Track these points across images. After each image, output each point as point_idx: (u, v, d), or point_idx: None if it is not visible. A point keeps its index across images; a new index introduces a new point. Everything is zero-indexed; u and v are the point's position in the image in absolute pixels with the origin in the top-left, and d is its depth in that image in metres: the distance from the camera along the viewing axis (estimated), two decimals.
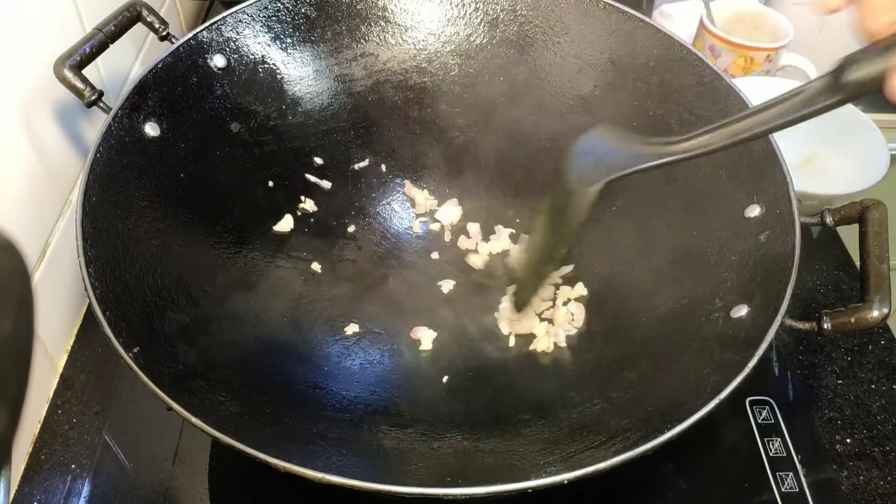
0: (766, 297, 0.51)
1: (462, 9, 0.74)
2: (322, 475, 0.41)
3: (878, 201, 0.53)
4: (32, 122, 0.62)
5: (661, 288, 0.61)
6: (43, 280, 0.63)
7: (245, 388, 0.53)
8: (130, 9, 0.64)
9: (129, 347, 0.46)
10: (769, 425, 0.62)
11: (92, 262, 0.50)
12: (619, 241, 0.67)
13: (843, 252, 0.79)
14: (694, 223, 0.62)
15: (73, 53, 0.59)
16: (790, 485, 0.58)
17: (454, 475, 0.50)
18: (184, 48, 0.65)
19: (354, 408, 0.58)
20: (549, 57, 0.73)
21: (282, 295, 0.65)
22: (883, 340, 0.70)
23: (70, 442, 0.61)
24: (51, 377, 0.65)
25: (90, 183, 0.54)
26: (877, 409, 0.65)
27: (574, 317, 0.65)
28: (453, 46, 0.75)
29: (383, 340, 0.64)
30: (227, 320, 0.59)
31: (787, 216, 0.54)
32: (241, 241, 0.66)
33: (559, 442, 0.52)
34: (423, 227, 0.74)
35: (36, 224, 0.63)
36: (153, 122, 0.61)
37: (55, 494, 0.58)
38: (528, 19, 0.73)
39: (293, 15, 0.71)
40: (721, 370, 0.48)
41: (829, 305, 0.71)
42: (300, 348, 0.62)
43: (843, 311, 0.48)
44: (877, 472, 0.60)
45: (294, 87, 0.72)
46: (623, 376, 0.56)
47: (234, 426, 0.45)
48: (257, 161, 0.70)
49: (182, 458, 0.60)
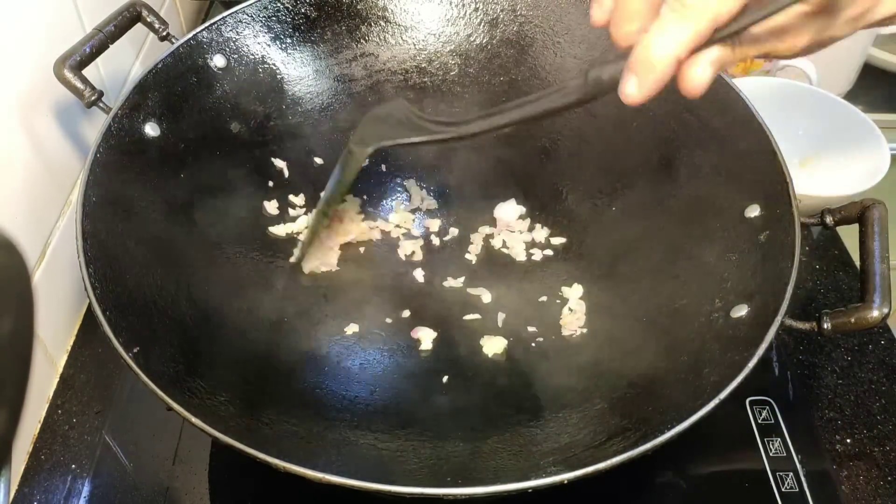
0: (766, 297, 0.51)
1: (462, 9, 0.74)
2: (322, 475, 0.41)
3: (878, 201, 0.53)
4: (32, 122, 0.62)
5: (661, 288, 0.61)
6: (43, 280, 0.63)
7: (245, 388, 0.53)
8: (130, 9, 0.64)
9: (129, 347, 0.46)
10: (769, 425, 0.62)
11: (92, 262, 0.50)
12: (619, 242, 0.67)
13: (843, 252, 0.79)
14: (694, 223, 0.62)
15: (73, 54, 0.59)
16: (790, 485, 0.58)
17: (454, 475, 0.50)
18: (184, 48, 0.65)
19: (354, 408, 0.58)
20: (549, 57, 0.73)
21: (281, 295, 0.65)
22: (883, 340, 0.70)
23: (70, 442, 0.61)
24: (51, 377, 0.65)
25: (90, 183, 0.54)
26: (877, 409, 0.65)
27: (574, 317, 0.65)
28: (453, 46, 0.75)
29: (383, 340, 0.64)
30: (227, 320, 0.59)
31: (787, 216, 0.54)
32: (241, 242, 0.66)
33: (559, 442, 0.52)
34: (423, 227, 0.74)
35: (36, 224, 0.63)
36: (153, 122, 0.62)
37: (55, 494, 0.58)
38: (528, 19, 0.73)
39: (293, 15, 0.71)
40: (721, 370, 0.48)
41: (829, 305, 0.71)
42: (300, 348, 0.62)
43: (843, 311, 0.48)
44: (877, 472, 0.60)
45: (294, 87, 0.72)
46: (623, 376, 0.56)
47: (234, 426, 0.45)
48: (257, 161, 0.70)
49: (182, 458, 0.60)
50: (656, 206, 0.66)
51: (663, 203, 0.66)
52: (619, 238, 0.67)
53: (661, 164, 0.67)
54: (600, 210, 0.70)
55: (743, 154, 0.60)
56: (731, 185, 0.60)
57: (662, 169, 0.67)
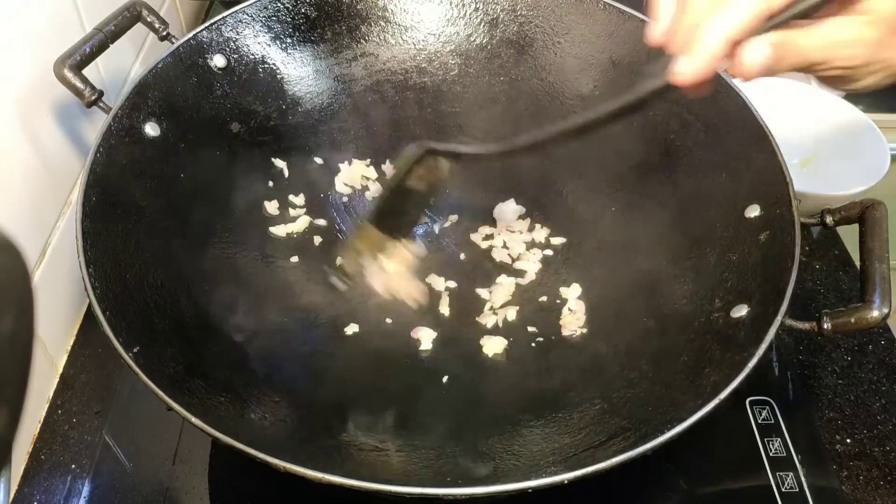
0: (766, 297, 0.51)
1: (462, 9, 0.74)
2: (322, 475, 0.41)
3: (878, 201, 0.53)
4: (32, 122, 0.62)
5: (661, 288, 0.61)
6: (43, 280, 0.63)
7: (245, 388, 0.53)
8: (130, 9, 0.64)
9: (129, 347, 0.46)
10: (769, 425, 0.62)
11: (92, 262, 0.50)
12: (619, 242, 0.67)
13: (843, 252, 0.79)
14: (694, 223, 0.62)
15: (73, 53, 0.59)
16: (790, 485, 0.58)
17: (454, 475, 0.50)
18: (184, 48, 0.65)
19: (354, 408, 0.57)
20: (549, 57, 0.73)
21: (281, 295, 0.65)
22: (883, 340, 0.70)
23: (70, 442, 0.61)
24: (51, 377, 0.65)
25: (90, 183, 0.54)
26: (877, 409, 0.65)
27: (574, 317, 0.65)
28: (453, 46, 0.75)
29: (383, 341, 0.64)
30: (227, 320, 0.59)
31: (787, 216, 0.54)
32: (241, 242, 0.66)
33: (559, 442, 0.52)
34: (423, 227, 0.74)
35: (36, 224, 0.63)
36: (153, 122, 0.61)
37: (55, 494, 0.58)
38: (528, 19, 0.73)
39: (293, 15, 0.71)
40: (721, 370, 0.48)
41: (829, 305, 0.71)
42: (300, 349, 0.62)
43: (843, 311, 0.48)
44: (877, 472, 0.60)
45: (294, 87, 0.72)
46: (623, 376, 0.56)
47: (234, 426, 0.45)
48: (257, 161, 0.70)
49: (182, 458, 0.60)
50: (656, 206, 0.66)
51: (663, 203, 0.66)
52: (619, 238, 0.67)
53: (661, 164, 0.67)
54: (600, 210, 0.70)
55: (743, 154, 0.60)
56: (731, 185, 0.61)
57: (662, 169, 0.67)
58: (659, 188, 0.66)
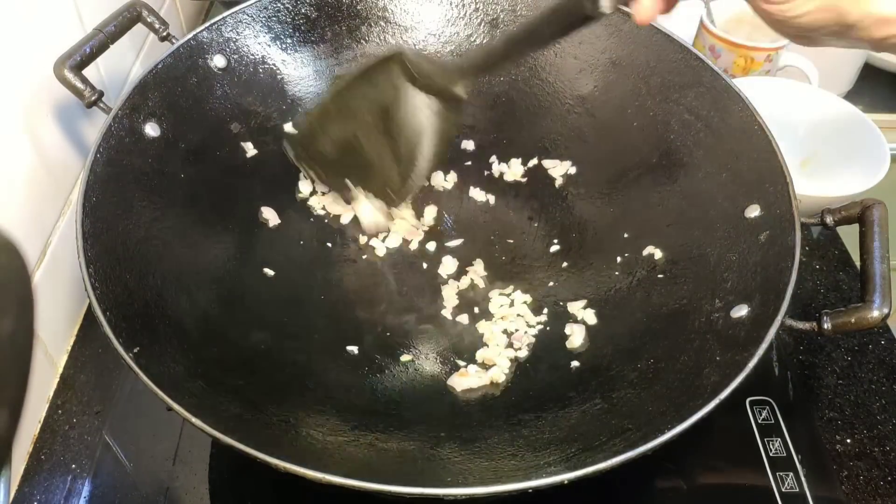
0: (766, 297, 0.51)
1: (462, 9, 0.74)
2: (322, 475, 0.41)
3: (878, 201, 0.53)
4: (33, 122, 0.62)
5: (661, 287, 0.61)
6: (43, 280, 0.63)
7: (245, 388, 0.53)
8: (130, 9, 0.64)
9: (129, 347, 0.46)
10: (769, 425, 0.62)
11: (92, 262, 0.50)
12: (619, 242, 0.67)
13: (843, 252, 0.79)
14: (694, 223, 0.62)
15: (73, 54, 0.59)
16: (790, 485, 0.58)
17: (454, 475, 0.50)
18: (184, 48, 0.65)
19: (354, 408, 0.57)
20: (549, 57, 0.73)
21: (282, 296, 0.65)
22: (883, 340, 0.70)
23: (70, 442, 0.61)
24: (51, 377, 0.65)
25: (90, 183, 0.54)
26: (877, 409, 0.65)
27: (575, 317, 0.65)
28: (453, 46, 0.75)
29: (383, 342, 0.64)
30: (227, 321, 0.59)
31: (787, 216, 0.54)
32: (241, 242, 0.66)
33: (559, 442, 0.52)
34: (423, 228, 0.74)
35: (36, 224, 0.63)
36: (153, 122, 0.62)
37: (55, 494, 0.58)
38: (528, 19, 0.73)
39: (293, 15, 0.71)
40: (721, 370, 0.48)
41: (829, 305, 0.71)
42: (300, 349, 0.62)
43: (843, 311, 0.48)
44: (877, 472, 0.60)
45: (294, 88, 0.72)
46: (623, 376, 0.56)
47: (234, 426, 0.45)
48: (257, 161, 0.70)
49: (182, 458, 0.60)
50: (656, 207, 0.66)
51: (663, 203, 0.66)
52: (618, 238, 0.67)
53: (661, 164, 0.67)
54: (600, 210, 0.70)
55: (743, 154, 0.60)
56: (731, 185, 0.61)
57: (662, 169, 0.67)
58: (659, 188, 0.66)
